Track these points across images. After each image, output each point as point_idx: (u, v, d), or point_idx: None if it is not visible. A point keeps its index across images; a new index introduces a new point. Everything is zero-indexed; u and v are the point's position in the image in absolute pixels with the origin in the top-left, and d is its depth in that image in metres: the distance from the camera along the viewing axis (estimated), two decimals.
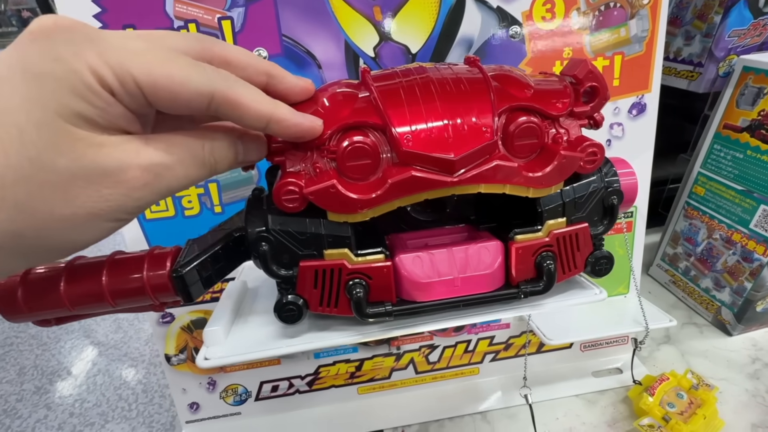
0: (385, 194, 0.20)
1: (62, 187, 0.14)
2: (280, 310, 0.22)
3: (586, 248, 0.24)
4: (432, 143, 0.20)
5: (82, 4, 0.29)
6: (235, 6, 0.31)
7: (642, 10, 0.35)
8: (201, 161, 0.17)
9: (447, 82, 0.22)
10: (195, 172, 0.17)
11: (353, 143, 0.20)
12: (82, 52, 0.14)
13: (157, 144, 0.16)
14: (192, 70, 0.15)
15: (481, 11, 0.33)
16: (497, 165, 0.20)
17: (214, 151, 0.18)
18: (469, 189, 0.21)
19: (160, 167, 0.16)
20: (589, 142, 0.22)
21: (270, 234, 0.22)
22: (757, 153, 0.41)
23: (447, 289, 0.23)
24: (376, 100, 0.21)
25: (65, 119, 0.13)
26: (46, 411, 1.18)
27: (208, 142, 0.18)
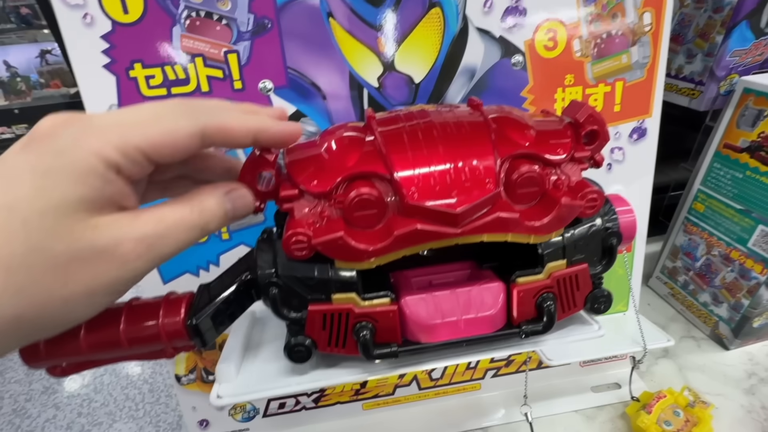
0: (391, 245, 0.21)
1: (61, 271, 0.15)
2: (289, 350, 0.23)
3: (586, 287, 0.25)
4: (436, 197, 0.20)
5: (92, 41, 0.29)
6: (241, 40, 0.31)
7: (644, 37, 0.35)
8: (192, 225, 0.18)
9: (449, 127, 0.23)
10: (187, 237, 0.18)
11: (360, 195, 0.21)
12: (83, 141, 0.15)
13: (148, 216, 0.17)
14: (179, 117, 0.17)
15: (484, 41, 0.34)
16: (499, 217, 0.21)
17: (204, 213, 0.19)
18: (472, 239, 0.21)
19: (152, 238, 0.17)
20: (590, 189, 0.22)
21: (279, 279, 0.23)
22: (756, 174, 0.42)
23: (451, 330, 0.23)
24: (381, 148, 0.22)
25: (66, 207, 0.15)
26: (54, 411, 1.20)
27: (197, 205, 0.18)
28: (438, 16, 0.32)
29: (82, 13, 0.29)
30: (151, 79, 0.31)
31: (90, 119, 0.16)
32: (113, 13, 0.29)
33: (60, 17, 0.29)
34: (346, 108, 0.34)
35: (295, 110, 0.33)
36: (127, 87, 0.31)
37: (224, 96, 0.32)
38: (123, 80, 0.30)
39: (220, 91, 0.32)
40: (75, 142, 0.15)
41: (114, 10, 0.29)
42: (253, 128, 0.19)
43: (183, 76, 0.31)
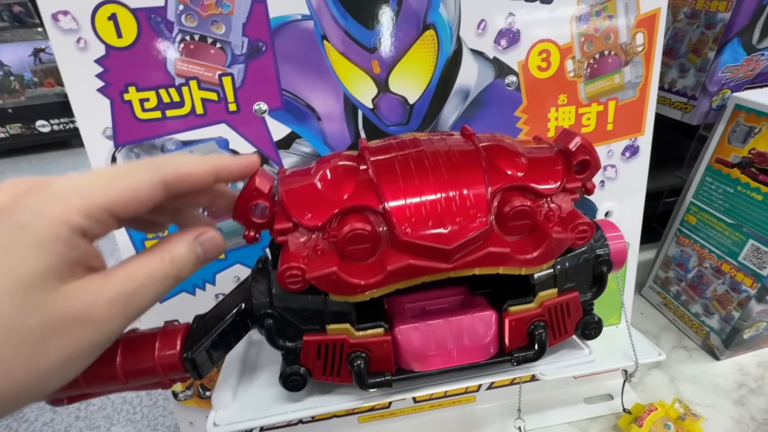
0: (384, 280, 0.21)
1: (36, 344, 0.15)
2: (285, 380, 0.24)
3: (577, 314, 0.26)
4: (428, 232, 0.21)
5: (86, 66, 0.29)
6: (235, 63, 0.31)
7: (636, 57, 0.35)
8: (164, 276, 0.18)
9: (441, 158, 0.23)
10: (160, 289, 0.18)
11: (353, 230, 0.21)
12: (46, 209, 0.15)
13: (119, 275, 0.17)
14: (139, 172, 0.17)
15: (478, 62, 0.34)
16: (491, 252, 0.21)
17: (175, 262, 0.19)
18: (464, 273, 0.22)
19: (125, 296, 0.17)
20: (581, 220, 0.23)
21: (275, 310, 0.23)
22: (746, 189, 0.42)
23: (444, 359, 0.24)
24: (373, 179, 0.22)
25: (34, 281, 0.14)
26: (52, 414, 1.20)
27: (167, 255, 0.19)
28: (432, 38, 0.32)
29: (75, 37, 0.29)
30: (146, 102, 0.31)
31: (50, 185, 0.16)
32: (107, 37, 0.29)
33: (54, 42, 0.29)
34: (341, 129, 0.34)
35: (289, 131, 0.33)
36: (121, 110, 0.31)
37: (219, 118, 0.32)
38: (117, 103, 0.30)
39: (215, 114, 0.32)
40: (37, 212, 0.15)
41: (108, 34, 0.29)
42: (212, 167, 0.19)
43: (177, 99, 0.31)
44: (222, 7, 0.30)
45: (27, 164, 2.62)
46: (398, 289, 0.22)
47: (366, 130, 0.34)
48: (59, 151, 2.70)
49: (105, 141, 0.31)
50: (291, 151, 0.34)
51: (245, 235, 0.24)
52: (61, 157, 2.65)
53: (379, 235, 0.21)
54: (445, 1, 0.32)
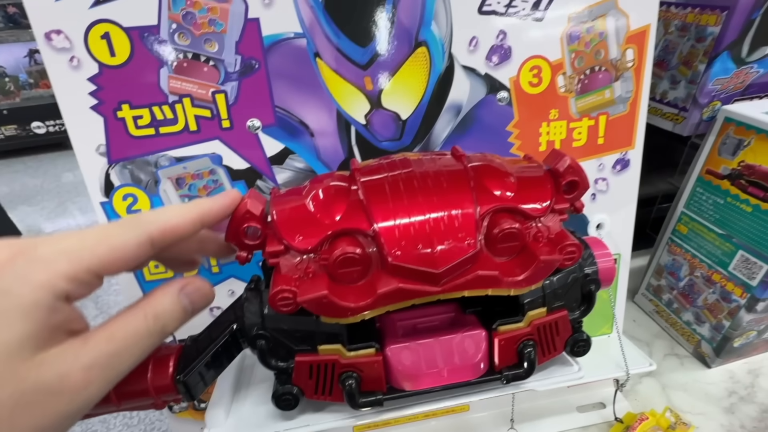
0: (374, 303, 0.21)
1: (6, 416, 0.14)
2: (277, 399, 0.24)
3: (566, 332, 0.26)
4: (418, 256, 0.21)
5: (79, 84, 0.29)
6: (228, 80, 0.31)
7: (626, 73, 0.36)
8: (147, 333, 0.18)
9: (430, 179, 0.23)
10: (144, 346, 0.18)
11: (344, 253, 0.21)
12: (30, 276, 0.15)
13: (98, 338, 0.17)
14: (125, 231, 0.17)
15: (470, 78, 0.34)
16: (479, 275, 0.21)
17: (159, 317, 0.19)
18: (453, 295, 0.22)
19: (104, 359, 0.16)
20: (569, 241, 0.23)
21: (267, 331, 0.23)
22: (736, 201, 0.43)
23: (434, 379, 0.24)
24: (364, 203, 0.22)
25: (10, 349, 0.14)
26: None
27: (151, 311, 0.18)
28: (424, 54, 0.33)
29: (68, 56, 0.29)
30: (139, 119, 0.31)
31: (36, 249, 0.16)
32: (100, 55, 0.29)
33: (47, 60, 0.29)
34: (334, 145, 0.34)
35: (283, 147, 0.33)
36: (115, 127, 0.31)
37: (213, 134, 0.32)
38: (111, 121, 0.31)
39: (209, 131, 0.32)
40: (22, 279, 0.15)
41: (101, 52, 0.29)
42: (195, 216, 0.20)
43: (171, 116, 0.31)
44: (215, 26, 0.30)
45: (22, 166, 2.61)
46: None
47: (359, 146, 0.34)
48: (54, 152, 2.69)
49: (99, 158, 0.31)
50: (284, 166, 0.34)
51: (237, 256, 0.24)
52: (56, 159, 2.64)
53: (370, 257, 0.22)
54: (437, 19, 0.32)
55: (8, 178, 2.48)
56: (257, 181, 0.34)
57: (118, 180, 0.32)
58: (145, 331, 0.18)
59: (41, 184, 2.36)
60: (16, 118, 2.59)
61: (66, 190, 2.25)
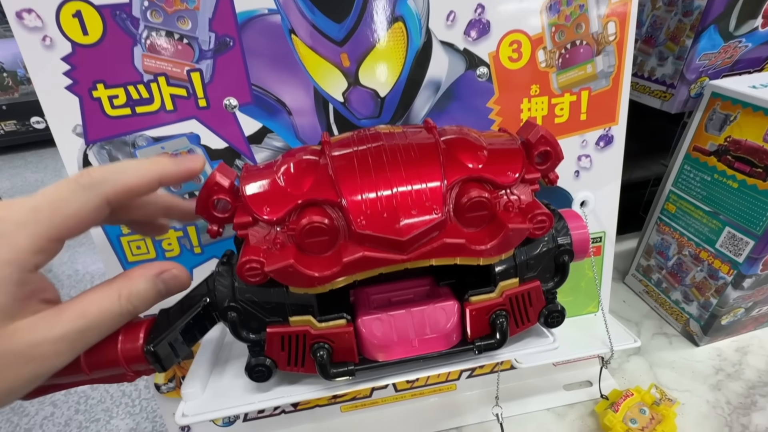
0: (341, 272, 0.21)
1: None
2: (250, 371, 0.24)
3: (539, 303, 0.26)
4: (383, 224, 0.21)
5: (52, 64, 0.29)
6: (203, 58, 0.31)
7: (608, 47, 0.35)
8: (118, 313, 0.19)
9: (399, 152, 0.23)
10: (113, 324, 0.19)
11: (311, 222, 0.21)
12: None
13: (71, 312, 0.17)
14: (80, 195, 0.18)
15: (448, 54, 0.34)
16: (446, 243, 0.21)
17: (132, 298, 0.19)
18: (421, 263, 0.22)
19: (73, 334, 0.17)
20: (539, 211, 0.23)
21: (237, 303, 0.23)
22: (723, 177, 0.42)
23: (405, 349, 0.24)
24: (333, 176, 0.22)
25: None
26: (52, 408, 1.22)
27: (125, 291, 0.19)
28: (401, 30, 0.32)
29: (41, 35, 0.29)
30: (115, 99, 0.31)
31: None
32: (73, 34, 0.29)
33: (19, 40, 0.29)
34: (312, 123, 0.34)
35: (261, 126, 0.33)
36: (90, 107, 0.31)
37: (190, 113, 0.32)
38: (86, 101, 0.31)
39: (185, 110, 0.32)
40: None
41: (73, 31, 0.29)
42: (154, 176, 0.20)
43: (147, 96, 0.31)
44: (187, 2, 0.29)
45: (23, 161, 2.62)
46: (358, 280, 0.22)
47: (337, 124, 0.34)
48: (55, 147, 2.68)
49: (76, 139, 0.31)
50: (263, 145, 0.34)
51: (208, 230, 0.24)
52: (56, 153, 2.63)
53: (337, 228, 0.22)
54: None
55: (9, 174, 2.49)
56: (236, 160, 0.34)
57: (97, 161, 0.32)
58: (117, 310, 0.19)
59: (42, 179, 2.38)
60: (16, 113, 2.60)
61: None
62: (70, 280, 1.66)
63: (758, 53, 0.45)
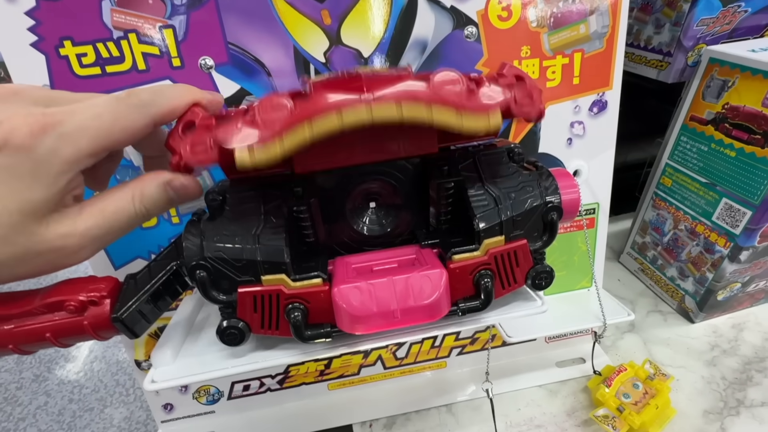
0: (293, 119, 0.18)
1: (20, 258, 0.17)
2: (221, 333, 0.23)
3: (526, 264, 0.25)
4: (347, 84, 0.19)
5: (16, 18, 0.28)
6: (176, 14, 0.29)
7: (602, 5, 0.34)
8: (132, 213, 0.20)
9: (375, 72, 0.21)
10: (129, 224, 0.20)
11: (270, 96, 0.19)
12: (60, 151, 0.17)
13: (91, 209, 0.19)
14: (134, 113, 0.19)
15: (435, 12, 0.32)
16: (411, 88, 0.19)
17: (144, 201, 0.20)
18: (387, 111, 0.19)
19: (94, 230, 0.19)
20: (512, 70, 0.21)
21: (206, 261, 0.22)
22: (720, 146, 0.41)
23: (386, 322, 0.23)
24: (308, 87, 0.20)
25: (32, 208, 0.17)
26: (45, 398, 1.21)
27: (138, 193, 0.20)
28: None
29: None
30: (83, 57, 0.29)
31: (62, 125, 0.17)
32: None
33: None
34: (293, 84, 0.32)
35: (239, 88, 0.32)
36: (58, 66, 0.29)
37: (163, 73, 0.31)
38: (53, 59, 0.29)
39: (158, 69, 0.30)
40: (52, 152, 0.17)
41: None
42: (190, 100, 0.21)
43: (117, 54, 0.30)
44: None
45: None
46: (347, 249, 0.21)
47: None
48: None
49: None
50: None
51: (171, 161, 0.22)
52: None
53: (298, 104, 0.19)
54: None
55: None
56: None
57: None
58: (132, 210, 0.20)
59: None
60: None
61: None
62: None
63: (758, 20, 0.44)
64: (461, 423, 0.41)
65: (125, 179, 0.33)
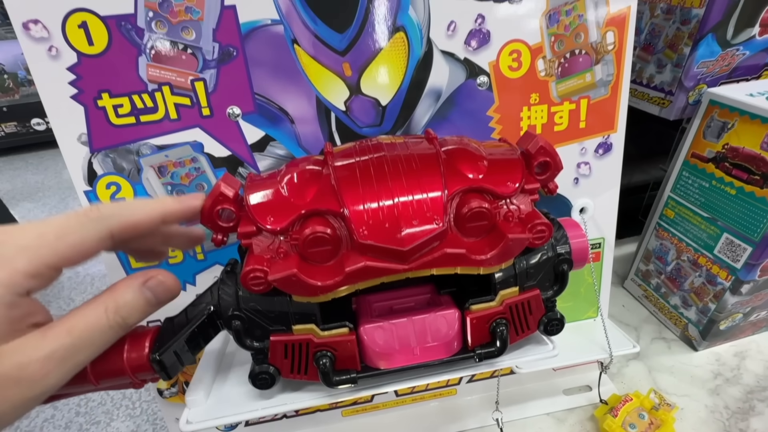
0: (343, 281, 0.21)
1: None
2: (254, 378, 0.24)
3: (538, 312, 0.26)
4: (385, 234, 0.21)
5: (58, 73, 0.30)
6: (207, 68, 0.31)
7: (607, 56, 0.36)
8: (107, 327, 0.19)
9: (401, 162, 0.23)
10: (103, 339, 0.19)
11: (314, 232, 0.21)
12: None
13: (57, 330, 0.17)
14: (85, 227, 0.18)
15: (449, 63, 0.34)
16: (446, 253, 0.22)
17: (120, 311, 0.19)
18: (421, 273, 0.22)
19: (61, 352, 0.17)
20: (539, 221, 0.23)
21: (241, 312, 0.24)
22: (721, 184, 0.43)
23: (406, 357, 0.25)
24: (336, 186, 0.23)
25: None
26: (52, 411, 1.22)
27: (112, 304, 0.19)
28: (402, 40, 0.33)
29: (47, 45, 0.29)
30: (120, 108, 0.31)
31: None
32: (78, 45, 0.29)
33: (26, 50, 0.29)
34: (314, 131, 0.34)
35: (264, 134, 0.34)
36: (95, 116, 0.31)
37: (193, 122, 0.32)
38: (91, 110, 0.31)
39: (189, 118, 0.32)
40: None
41: (79, 42, 0.29)
42: (157, 214, 0.20)
43: (151, 105, 0.31)
44: (192, 13, 0.30)
45: (23, 163, 2.63)
46: (360, 289, 0.23)
47: (339, 132, 0.35)
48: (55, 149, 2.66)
49: (81, 147, 0.32)
50: (266, 153, 0.34)
51: (213, 239, 0.24)
52: (56, 155, 2.65)
53: (340, 237, 0.22)
54: (415, 3, 0.32)
55: (10, 175, 2.49)
56: (239, 168, 0.34)
57: (101, 168, 0.32)
58: (105, 324, 0.19)
59: (42, 181, 2.38)
60: (16, 115, 2.60)
61: (67, 186, 2.25)
62: (70, 282, 1.66)
63: (756, 61, 0.46)
64: None
65: None
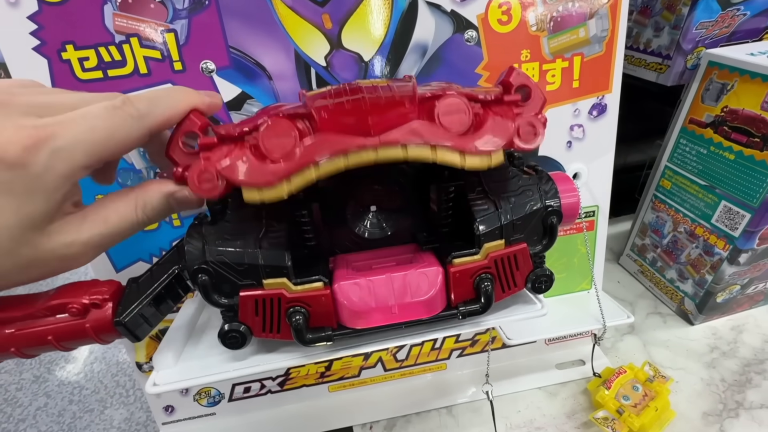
0: (301, 160, 0.19)
1: (24, 266, 0.18)
2: (223, 337, 0.23)
3: (526, 267, 0.25)
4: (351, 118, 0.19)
5: (19, 22, 0.28)
6: (177, 18, 0.30)
7: (601, 10, 0.34)
8: (135, 222, 0.21)
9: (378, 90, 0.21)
10: (129, 232, 0.21)
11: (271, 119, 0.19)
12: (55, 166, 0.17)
13: (94, 219, 0.19)
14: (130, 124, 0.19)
15: (435, 16, 0.32)
16: (416, 127, 0.20)
17: (146, 209, 0.21)
18: (393, 153, 0.20)
19: (98, 238, 0.19)
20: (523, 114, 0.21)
21: (208, 266, 0.22)
22: (719, 149, 0.41)
23: (384, 316, 0.23)
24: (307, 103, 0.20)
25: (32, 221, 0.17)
26: (46, 399, 1.21)
27: (141, 202, 0.21)
28: None
29: None
30: (86, 61, 0.29)
31: (56, 140, 0.17)
32: None
33: None
34: (293, 88, 0.32)
35: (240, 92, 0.32)
36: (60, 70, 0.29)
37: (165, 77, 0.31)
38: (55, 63, 0.29)
39: (160, 73, 0.30)
40: (46, 168, 0.17)
41: None
42: (186, 107, 0.21)
43: (119, 58, 0.30)
44: None
45: None
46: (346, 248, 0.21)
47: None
48: None
49: None
50: (242, 112, 0.33)
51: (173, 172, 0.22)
52: None
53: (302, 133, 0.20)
54: None
55: None
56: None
57: None
58: (135, 219, 0.21)
59: None
60: None
61: None
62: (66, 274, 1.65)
63: (756, 23, 0.44)
64: (461, 425, 0.41)
65: (126, 182, 0.33)
